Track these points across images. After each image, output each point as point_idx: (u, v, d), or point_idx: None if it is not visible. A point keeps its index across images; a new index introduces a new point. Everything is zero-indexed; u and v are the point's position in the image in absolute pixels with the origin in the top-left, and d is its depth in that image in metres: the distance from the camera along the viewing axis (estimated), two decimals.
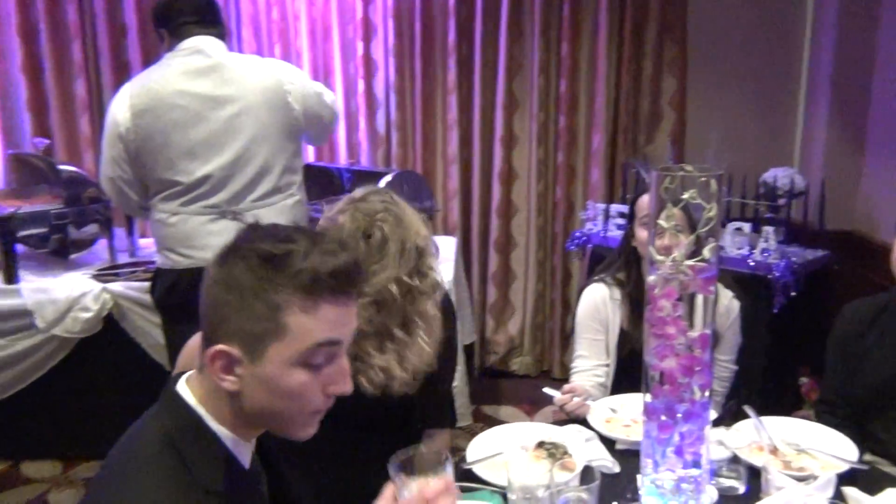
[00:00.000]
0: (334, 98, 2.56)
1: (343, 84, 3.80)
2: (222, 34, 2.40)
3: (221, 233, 2.25)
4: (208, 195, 2.29)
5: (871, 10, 3.45)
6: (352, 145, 3.86)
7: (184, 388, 1.05)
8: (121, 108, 2.28)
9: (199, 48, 2.31)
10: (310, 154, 3.81)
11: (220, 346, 0.98)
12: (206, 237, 2.30)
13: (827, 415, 1.88)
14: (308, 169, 3.50)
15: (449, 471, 1.09)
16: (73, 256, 3.23)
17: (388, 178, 3.27)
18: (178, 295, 2.30)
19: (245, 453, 1.07)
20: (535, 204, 3.85)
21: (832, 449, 1.59)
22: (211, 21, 2.36)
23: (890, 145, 3.43)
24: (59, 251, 3.20)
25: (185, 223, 2.31)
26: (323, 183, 3.52)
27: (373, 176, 3.31)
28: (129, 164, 2.31)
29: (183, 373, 1.08)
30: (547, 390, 1.88)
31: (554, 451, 1.56)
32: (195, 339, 1.10)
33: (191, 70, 2.28)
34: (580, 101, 3.76)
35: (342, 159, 3.83)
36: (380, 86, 3.79)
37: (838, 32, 3.51)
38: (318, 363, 1.01)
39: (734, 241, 2.98)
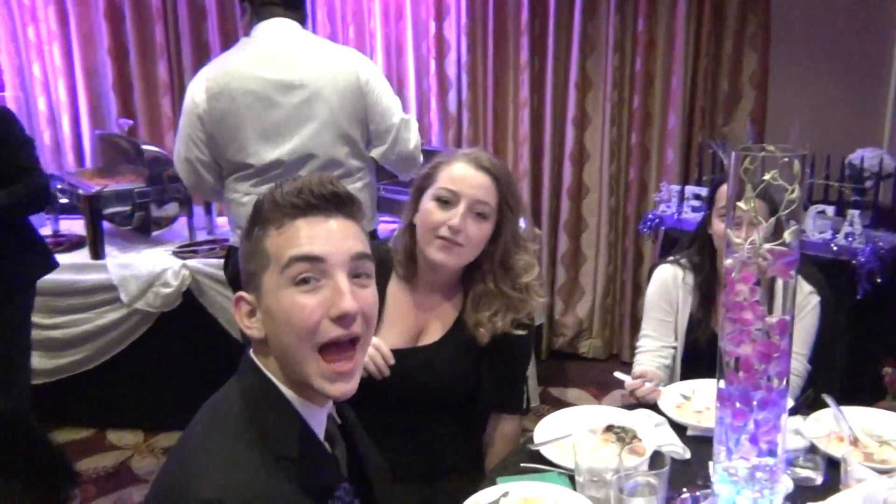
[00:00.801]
0: (403, 118, 2.43)
1: (415, 64, 3.81)
2: (302, 18, 2.42)
3: None
4: (279, 178, 2.32)
5: None
6: (423, 126, 3.87)
7: (251, 353, 1.10)
8: (198, 90, 2.33)
9: (275, 33, 2.34)
10: None
11: (240, 293, 1.08)
12: None
13: None
14: None
15: None
16: (154, 233, 3.35)
17: None
18: None
19: (318, 421, 1.10)
20: (607, 185, 3.79)
21: None
22: (293, 5, 2.38)
23: None
24: (142, 228, 3.33)
25: None
26: None
27: None
28: (206, 144, 2.37)
29: None
30: (618, 374, 1.86)
31: (623, 435, 1.54)
32: None
33: (265, 55, 2.31)
34: (656, 80, 3.68)
35: None
36: (451, 66, 3.78)
37: None
38: (306, 280, 1.02)
39: (816, 225, 2.87)
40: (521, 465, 1.50)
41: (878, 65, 3.60)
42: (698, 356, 2.03)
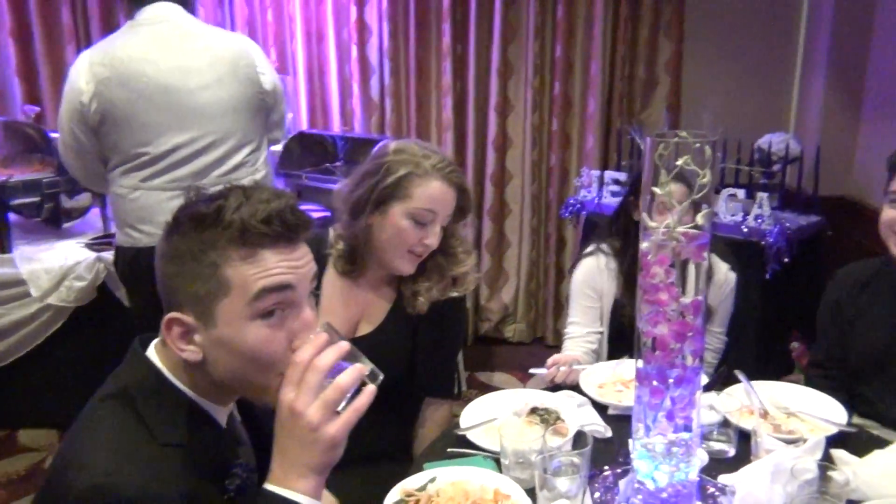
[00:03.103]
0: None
1: (336, 50, 3.76)
2: (186, 1, 2.32)
3: None
4: (174, 168, 2.24)
5: None
6: (346, 112, 3.83)
7: (150, 351, 1.07)
8: (82, 77, 2.19)
9: (165, 16, 2.24)
10: (303, 121, 3.78)
11: (173, 314, 1.00)
12: (167, 214, 2.20)
13: (817, 378, 1.90)
14: (302, 136, 3.50)
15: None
16: (66, 225, 3.21)
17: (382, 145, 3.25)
18: (140, 271, 2.23)
19: (220, 413, 1.09)
20: (530, 171, 3.84)
21: (821, 412, 1.61)
22: None
23: (886, 111, 3.42)
24: (52, 220, 3.19)
25: (147, 199, 2.24)
26: (317, 151, 3.50)
27: (367, 143, 3.29)
28: (93, 133, 2.25)
29: (152, 337, 1.09)
30: (533, 370, 1.88)
31: (547, 417, 1.57)
32: None
33: (158, 40, 2.21)
34: (576, 67, 3.73)
35: (336, 126, 3.81)
36: (374, 51, 3.75)
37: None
38: (272, 312, 1.00)
39: (728, 208, 2.98)
40: (448, 450, 1.51)
41: (785, 54, 3.76)
42: (624, 339, 2.08)
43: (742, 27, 3.72)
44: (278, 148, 3.26)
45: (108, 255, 2.88)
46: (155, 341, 1.08)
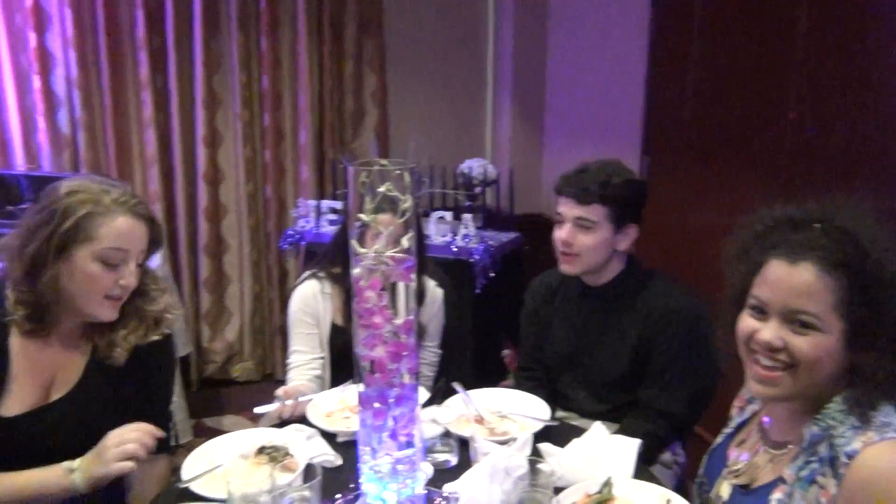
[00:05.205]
0: None
1: (14, 80, 3.36)
2: None
3: None
4: None
5: (541, 20, 3.88)
6: (30, 149, 3.43)
7: None
8: None
9: None
10: None
11: None
12: None
13: (523, 380, 2.08)
14: None
15: None
16: None
17: None
18: None
19: None
20: (246, 204, 3.76)
21: (528, 411, 1.76)
22: None
23: (561, 137, 3.89)
24: None
25: None
26: None
27: (58, 182, 2.97)
28: None
29: None
30: (258, 409, 1.82)
31: (275, 455, 1.53)
32: None
33: None
34: (284, 98, 3.74)
35: (19, 164, 3.40)
36: (60, 82, 3.41)
37: (515, 38, 3.90)
38: None
39: (438, 229, 3.17)
40: None
41: (477, 88, 4.12)
42: (345, 362, 2.10)
43: (439, 62, 4.01)
44: None
45: None
46: None
